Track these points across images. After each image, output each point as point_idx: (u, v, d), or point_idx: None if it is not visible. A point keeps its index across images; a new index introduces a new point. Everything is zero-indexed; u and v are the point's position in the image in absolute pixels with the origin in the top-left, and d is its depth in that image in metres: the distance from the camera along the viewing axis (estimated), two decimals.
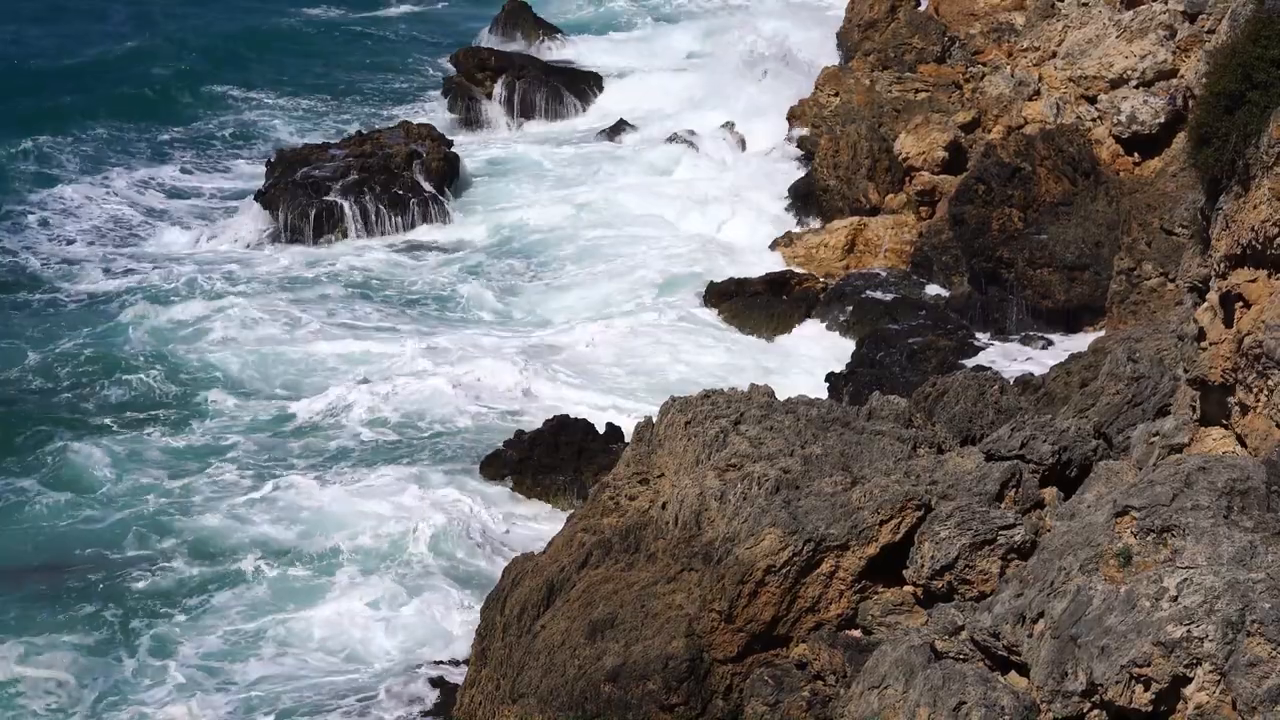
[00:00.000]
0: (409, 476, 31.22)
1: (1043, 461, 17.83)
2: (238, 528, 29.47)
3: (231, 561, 28.17)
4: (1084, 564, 13.62)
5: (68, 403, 34.93)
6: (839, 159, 44.36)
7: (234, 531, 29.32)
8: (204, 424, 34.08)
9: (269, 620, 26.39)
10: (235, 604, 26.94)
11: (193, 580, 27.69)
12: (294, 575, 27.80)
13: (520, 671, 18.85)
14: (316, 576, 27.71)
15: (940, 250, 40.16)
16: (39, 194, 49.04)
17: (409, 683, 24.38)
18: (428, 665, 24.82)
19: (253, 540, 28.94)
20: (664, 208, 47.06)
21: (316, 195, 46.74)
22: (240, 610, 26.73)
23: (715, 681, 17.49)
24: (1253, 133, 14.40)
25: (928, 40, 50.60)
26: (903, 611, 17.14)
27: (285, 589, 27.41)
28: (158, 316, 39.52)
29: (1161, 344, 21.37)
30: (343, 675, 24.96)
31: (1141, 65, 40.21)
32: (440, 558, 28.20)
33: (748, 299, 39.89)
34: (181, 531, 29.28)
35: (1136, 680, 12.63)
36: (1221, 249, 14.99)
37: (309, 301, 41.24)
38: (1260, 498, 13.35)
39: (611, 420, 32.29)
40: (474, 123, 56.89)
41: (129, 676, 24.92)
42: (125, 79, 61.08)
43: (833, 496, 17.75)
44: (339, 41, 67.43)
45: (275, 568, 27.93)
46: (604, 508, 20.68)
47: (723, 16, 71.22)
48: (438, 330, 39.50)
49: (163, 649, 25.60)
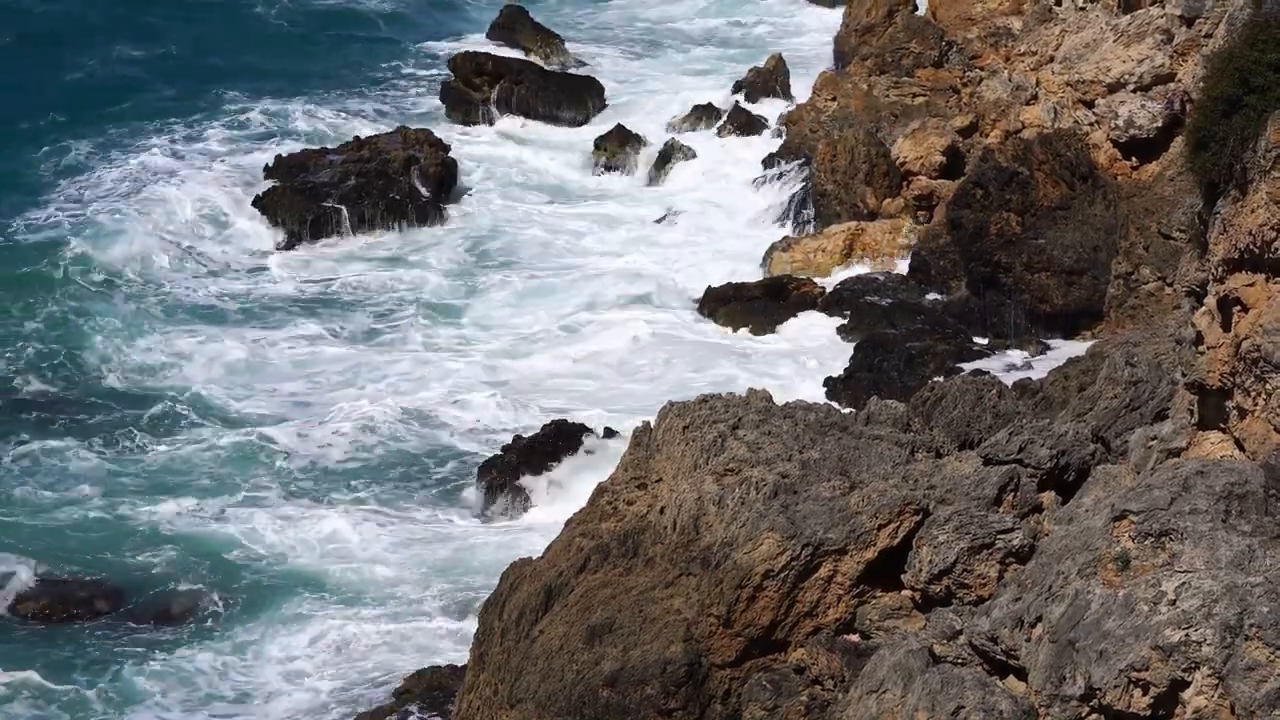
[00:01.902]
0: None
1: (1041, 466, 17.82)
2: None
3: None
4: (1082, 568, 13.62)
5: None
6: (836, 163, 44.34)
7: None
8: (178, 435, 33.92)
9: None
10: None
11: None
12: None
13: (518, 676, 18.83)
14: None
15: (938, 255, 40.16)
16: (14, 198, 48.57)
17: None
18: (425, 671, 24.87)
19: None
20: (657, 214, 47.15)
21: (314, 200, 46.70)
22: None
23: (713, 686, 17.48)
24: (1250, 137, 14.41)
25: (925, 44, 50.57)
26: (901, 616, 17.13)
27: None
28: (134, 319, 39.25)
29: (1159, 348, 21.40)
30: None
31: (1139, 70, 40.22)
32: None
33: (745, 303, 39.89)
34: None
35: (1135, 684, 12.63)
36: (1219, 253, 14.99)
37: (308, 308, 41.21)
38: (1258, 501, 13.35)
39: (609, 425, 32.31)
40: (471, 127, 56.81)
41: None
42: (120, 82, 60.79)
43: (831, 501, 17.74)
44: (338, 41, 67.31)
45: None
46: (602, 512, 20.67)
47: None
48: (433, 338, 39.47)
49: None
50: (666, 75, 64.13)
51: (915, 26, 51.82)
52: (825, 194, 44.44)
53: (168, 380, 36.54)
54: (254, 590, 27.93)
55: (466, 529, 30.22)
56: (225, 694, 24.86)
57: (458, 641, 25.55)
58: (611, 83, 60.49)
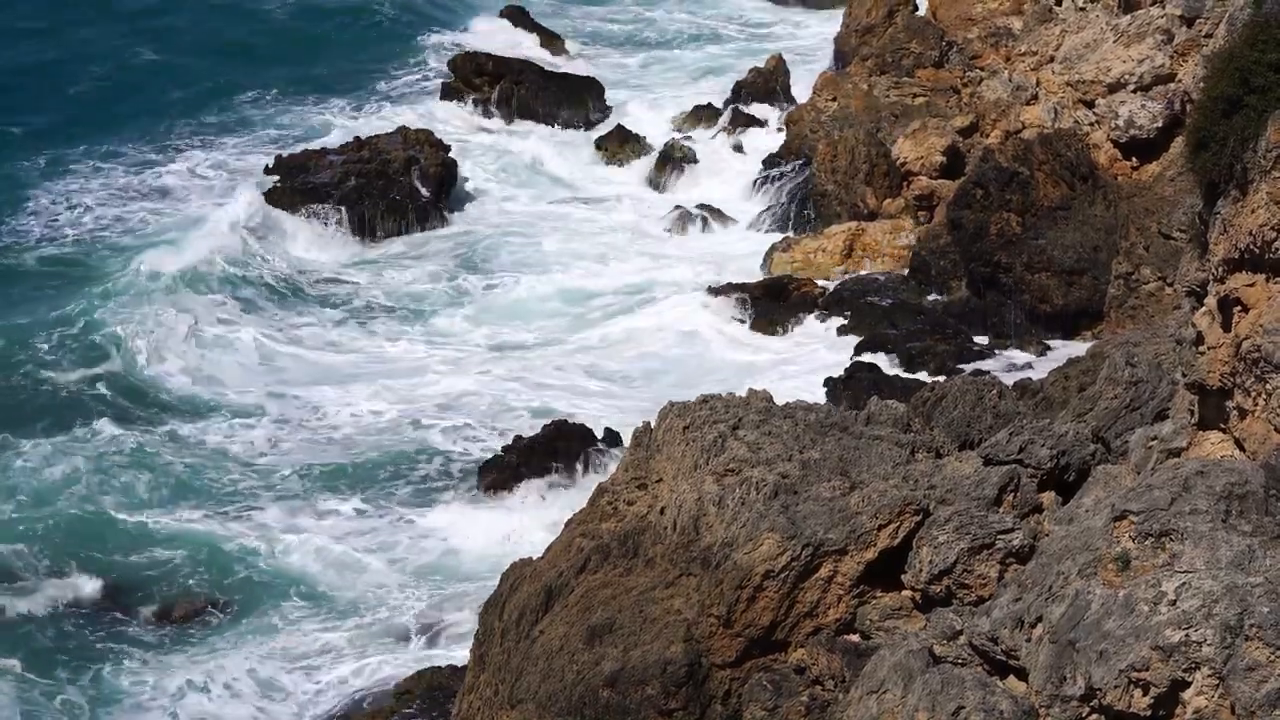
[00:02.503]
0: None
1: (1041, 466, 17.82)
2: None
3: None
4: (1082, 568, 13.62)
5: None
6: (837, 164, 44.35)
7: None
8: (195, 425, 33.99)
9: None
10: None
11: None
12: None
13: (519, 677, 18.83)
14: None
15: (938, 255, 40.16)
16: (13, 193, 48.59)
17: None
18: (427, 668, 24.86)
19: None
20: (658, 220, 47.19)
21: (315, 201, 46.69)
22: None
23: (714, 686, 17.48)
24: (1250, 137, 14.41)
25: (925, 45, 50.55)
26: (901, 616, 17.13)
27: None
28: (136, 318, 39.31)
29: (1160, 348, 21.39)
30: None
31: (1139, 70, 40.21)
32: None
33: (746, 303, 39.86)
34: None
35: (1135, 684, 12.63)
36: (1219, 253, 14.99)
37: (306, 307, 41.21)
38: (1258, 501, 13.35)
39: (610, 425, 32.32)
40: (472, 127, 56.81)
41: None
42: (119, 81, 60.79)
43: (831, 501, 17.74)
44: (337, 42, 67.24)
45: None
46: (602, 513, 20.67)
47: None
48: (430, 338, 39.46)
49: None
50: (667, 75, 64.18)
51: (915, 27, 51.80)
52: (825, 194, 44.45)
53: (163, 378, 36.58)
54: (246, 589, 27.91)
55: (463, 529, 30.20)
56: (222, 694, 24.80)
57: (454, 642, 25.53)
58: (612, 83, 60.50)
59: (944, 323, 37.92)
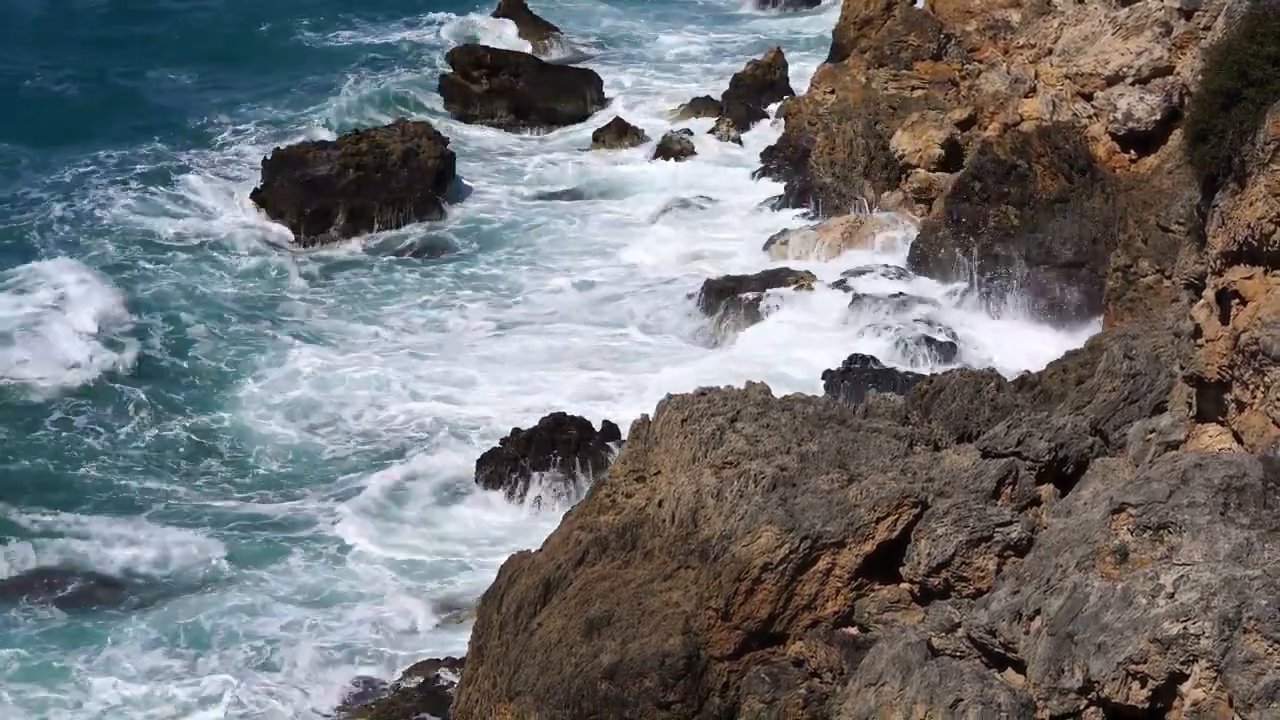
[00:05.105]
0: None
1: (1039, 458, 17.83)
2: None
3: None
4: (1080, 561, 13.63)
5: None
6: (835, 156, 44.35)
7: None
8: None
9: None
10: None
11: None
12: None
13: (517, 669, 18.84)
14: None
15: (936, 247, 40.16)
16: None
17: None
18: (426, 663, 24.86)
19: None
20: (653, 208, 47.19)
21: (313, 194, 46.65)
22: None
23: (712, 679, 17.49)
24: (1249, 129, 14.41)
25: (924, 37, 50.50)
26: (899, 609, 17.15)
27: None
28: (134, 314, 39.29)
29: (1158, 341, 21.37)
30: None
31: (1137, 62, 40.16)
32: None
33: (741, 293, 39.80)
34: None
35: (1133, 677, 12.64)
36: (1218, 246, 15.00)
37: (305, 301, 41.19)
38: (1257, 494, 13.36)
39: (607, 418, 32.30)
40: (469, 121, 56.77)
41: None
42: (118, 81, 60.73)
43: (829, 494, 17.75)
44: (335, 42, 67.24)
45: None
46: (601, 505, 20.68)
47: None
48: (429, 333, 39.44)
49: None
50: (665, 68, 64.17)
51: (914, 19, 51.75)
52: (824, 186, 44.44)
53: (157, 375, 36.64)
54: (244, 585, 27.91)
55: (461, 520, 30.20)
56: (219, 696, 24.78)
57: (455, 635, 25.52)
58: (610, 75, 60.47)
59: (942, 315, 37.89)
